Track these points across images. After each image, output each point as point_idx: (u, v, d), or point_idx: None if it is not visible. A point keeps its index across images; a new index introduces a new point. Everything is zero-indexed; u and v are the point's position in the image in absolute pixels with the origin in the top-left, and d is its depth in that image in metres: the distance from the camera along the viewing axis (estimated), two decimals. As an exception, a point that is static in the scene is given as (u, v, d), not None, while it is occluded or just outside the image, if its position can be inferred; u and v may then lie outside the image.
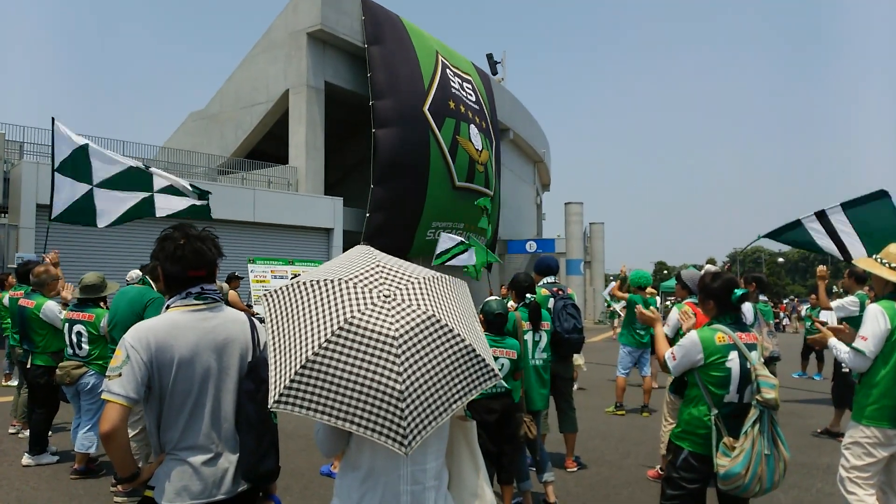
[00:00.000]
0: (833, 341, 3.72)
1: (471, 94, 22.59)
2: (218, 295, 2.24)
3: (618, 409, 8.22)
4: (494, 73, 31.60)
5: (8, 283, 8.16)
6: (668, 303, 27.88)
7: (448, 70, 21.56)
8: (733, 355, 2.99)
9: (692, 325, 3.49)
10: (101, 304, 5.36)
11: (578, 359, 7.53)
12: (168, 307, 2.18)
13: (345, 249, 18.29)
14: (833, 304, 6.66)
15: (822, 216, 7.00)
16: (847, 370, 6.52)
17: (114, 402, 1.95)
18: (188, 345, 2.07)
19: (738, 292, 3.12)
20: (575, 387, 8.93)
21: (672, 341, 3.92)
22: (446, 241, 10.22)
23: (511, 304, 5.00)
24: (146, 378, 2.01)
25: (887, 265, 3.56)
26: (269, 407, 1.71)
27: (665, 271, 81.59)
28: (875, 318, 3.45)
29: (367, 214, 18.79)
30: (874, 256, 3.69)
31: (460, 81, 22.25)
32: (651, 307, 8.20)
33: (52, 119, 6.64)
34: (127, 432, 2.01)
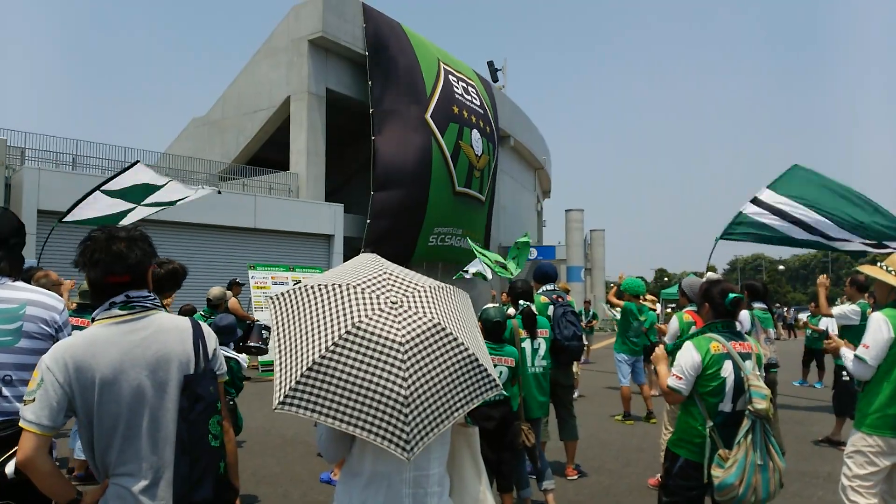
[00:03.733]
0: (844, 350, 3.72)
1: (475, 98, 22.64)
2: (150, 302, 1.99)
3: (626, 418, 8.20)
4: (495, 80, 31.67)
5: None
6: (668, 310, 27.89)
7: (451, 76, 21.62)
8: (727, 364, 3.00)
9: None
10: None
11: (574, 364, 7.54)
12: (94, 320, 1.95)
13: (346, 256, 18.30)
14: (834, 311, 6.66)
15: (756, 202, 7.37)
16: (848, 378, 6.51)
17: (27, 430, 1.77)
18: (109, 363, 1.84)
19: (731, 296, 3.15)
20: (575, 394, 8.94)
21: (672, 351, 3.94)
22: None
23: (510, 310, 5.00)
24: (64, 402, 1.80)
25: (894, 273, 3.55)
26: (273, 408, 1.70)
27: (666, 278, 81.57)
28: (878, 327, 3.43)
29: (368, 221, 18.82)
30: (879, 263, 3.68)
31: (464, 86, 22.30)
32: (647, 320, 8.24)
33: (137, 161, 7.72)
34: (48, 459, 1.81)
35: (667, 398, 3.26)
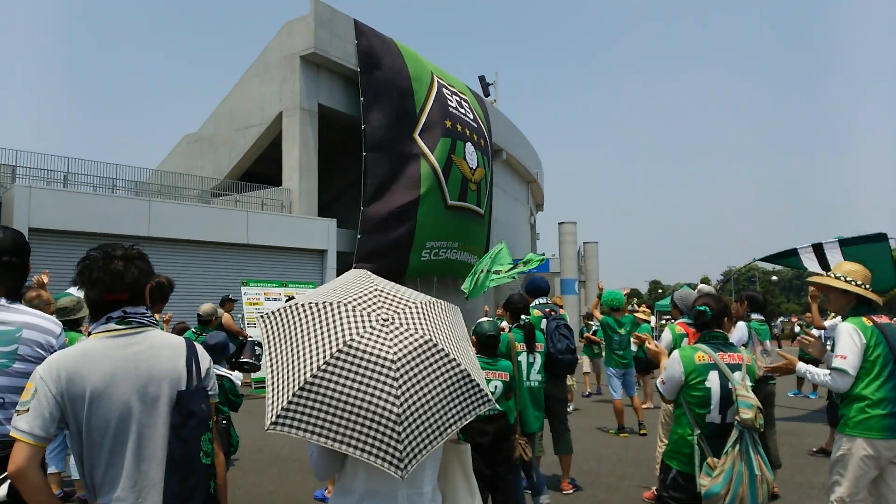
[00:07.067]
0: (803, 367, 3.70)
1: (468, 112, 22.74)
2: (147, 318, 2.01)
3: (620, 431, 8.20)
4: (487, 94, 31.87)
5: None
6: (663, 322, 27.95)
7: (445, 90, 21.71)
8: (713, 375, 3.02)
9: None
10: (78, 327, 5.30)
11: (569, 378, 7.54)
12: (90, 334, 1.97)
13: (339, 271, 18.26)
14: (827, 323, 6.68)
15: (818, 248, 7.13)
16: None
17: (19, 440, 1.77)
18: (101, 375, 1.84)
19: (695, 309, 3.29)
20: (570, 408, 8.91)
21: None
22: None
23: (504, 324, 5.00)
24: (57, 414, 1.80)
25: (853, 283, 3.62)
26: (265, 429, 1.69)
27: (660, 290, 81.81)
28: (849, 336, 3.48)
29: (359, 236, 18.83)
30: (833, 275, 3.73)
31: (458, 100, 22.41)
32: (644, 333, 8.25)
33: None
34: (39, 472, 1.80)
35: (661, 397, 3.37)
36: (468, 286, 9.82)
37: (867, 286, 3.62)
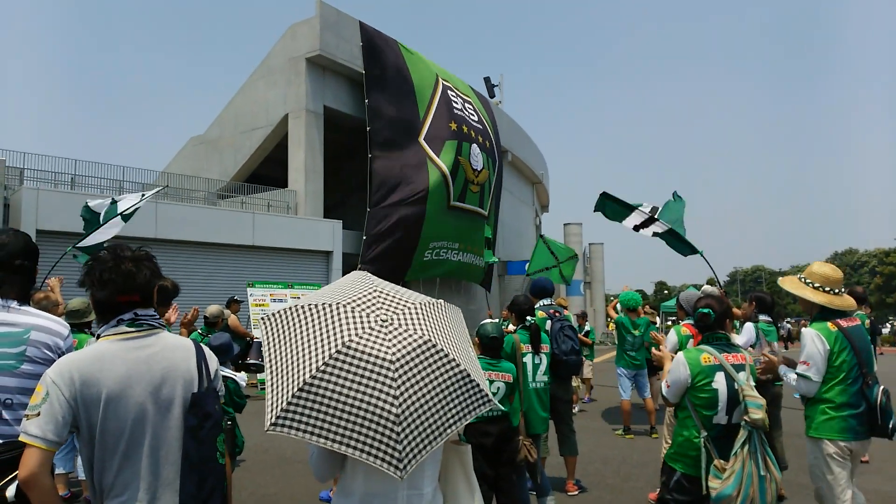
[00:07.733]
0: (784, 368, 3.72)
1: (473, 114, 22.75)
2: (157, 321, 2.02)
3: (626, 432, 8.18)
4: (492, 96, 31.83)
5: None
6: (668, 323, 27.89)
7: (449, 91, 21.73)
8: (719, 376, 3.02)
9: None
10: (87, 329, 5.35)
11: (573, 378, 7.52)
12: (98, 337, 1.96)
13: (344, 272, 18.27)
14: None
15: (648, 220, 7.74)
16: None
17: (31, 444, 1.73)
18: (117, 378, 1.83)
19: (697, 312, 3.29)
20: (575, 409, 8.90)
21: None
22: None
23: (510, 326, 5.00)
24: (70, 418, 1.78)
25: (811, 285, 3.64)
26: (265, 429, 1.70)
27: (665, 291, 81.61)
28: (812, 342, 3.50)
29: (364, 238, 18.86)
30: (799, 276, 3.73)
31: (462, 102, 22.43)
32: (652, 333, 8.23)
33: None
34: (50, 477, 1.78)
35: (664, 401, 3.36)
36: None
37: (836, 290, 3.61)
